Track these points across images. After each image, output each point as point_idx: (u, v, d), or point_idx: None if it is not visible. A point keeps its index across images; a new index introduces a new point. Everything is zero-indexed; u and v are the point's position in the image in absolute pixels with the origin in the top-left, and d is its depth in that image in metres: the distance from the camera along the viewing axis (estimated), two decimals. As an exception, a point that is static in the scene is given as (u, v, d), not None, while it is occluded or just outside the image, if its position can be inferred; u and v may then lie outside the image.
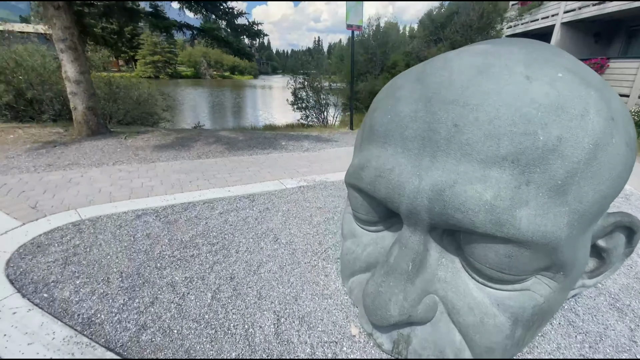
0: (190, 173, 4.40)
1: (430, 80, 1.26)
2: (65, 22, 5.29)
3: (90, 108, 5.80)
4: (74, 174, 4.13)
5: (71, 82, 5.55)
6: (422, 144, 1.23)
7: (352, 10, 7.11)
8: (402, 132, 1.28)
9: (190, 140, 6.13)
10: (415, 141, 1.24)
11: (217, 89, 45.03)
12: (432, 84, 1.24)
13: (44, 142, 5.46)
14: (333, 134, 7.53)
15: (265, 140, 6.56)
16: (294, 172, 4.69)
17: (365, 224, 1.79)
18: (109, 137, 5.98)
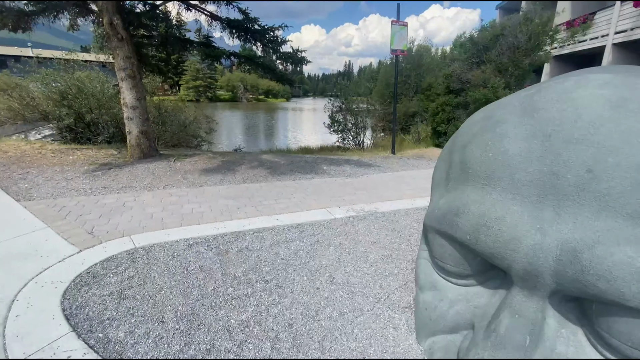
0: (237, 199, 4.34)
1: (545, 115, 1.01)
2: (126, 52, 5.66)
3: (143, 132, 6.07)
4: (127, 198, 4.21)
5: (128, 108, 5.87)
6: (542, 191, 0.97)
7: (397, 34, 7.05)
8: (512, 175, 1.03)
9: (235, 163, 6.18)
10: (531, 186, 0.98)
11: (253, 111, 46.85)
12: (550, 119, 0.99)
13: (100, 164, 5.73)
14: (374, 159, 7.31)
15: (307, 164, 6.47)
16: (340, 200, 4.49)
17: (451, 276, 1.52)
18: (159, 159, 6.18)
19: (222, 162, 6.30)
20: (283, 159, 6.83)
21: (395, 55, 7.19)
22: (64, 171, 5.33)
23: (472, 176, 1.52)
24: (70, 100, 8.75)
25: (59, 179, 4.89)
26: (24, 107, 9.11)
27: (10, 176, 4.97)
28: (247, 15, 6.62)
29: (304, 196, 4.58)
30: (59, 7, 6.02)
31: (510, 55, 9.74)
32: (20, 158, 6.05)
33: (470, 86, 11.02)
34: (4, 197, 4.05)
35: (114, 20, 5.44)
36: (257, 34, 6.83)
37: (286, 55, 7.22)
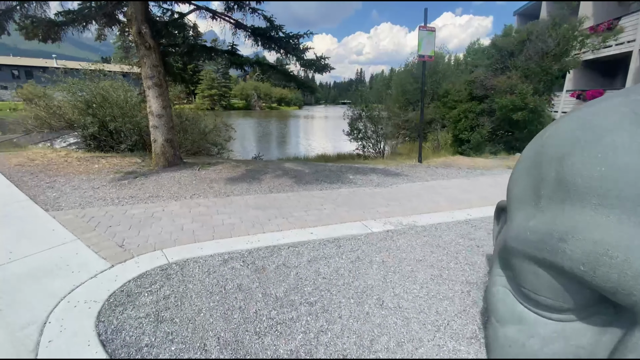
0: (266, 209, 4.16)
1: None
2: (153, 61, 5.65)
3: (168, 140, 6.02)
4: (155, 208, 4.10)
5: (154, 116, 5.83)
6: None
7: (425, 40, 6.86)
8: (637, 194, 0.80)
9: (259, 172, 6.04)
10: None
11: (267, 118, 47.24)
12: None
13: (125, 173, 5.68)
14: (400, 167, 7.05)
15: (331, 173, 6.28)
16: (374, 212, 4.25)
17: (545, 310, 1.28)
18: (183, 168, 6.10)
19: (247, 170, 6.17)
20: (307, 168, 6.66)
21: (422, 60, 6.99)
22: (91, 180, 5.29)
23: (578, 194, 1.22)
24: (95, 109, 8.86)
25: (86, 188, 4.84)
26: (50, 116, 9.28)
27: (38, 184, 4.95)
28: (272, 23, 6.55)
29: (334, 207, 4.37)
30: (88, 17, 6.09)
31: (538, 60, 9.39)
32: (47, 166, 6.07)
33: (495, 92, 10.69)
34: (33, 206, 3.99)
35: (142, 29, 5.44)
36: (281, 42, 6.74)
37: (310, 63, 7.10)
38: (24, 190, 4.66)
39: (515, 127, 9.80)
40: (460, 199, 5.00)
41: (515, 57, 10.64)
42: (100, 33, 7.19)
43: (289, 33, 6.66)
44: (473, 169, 7.22)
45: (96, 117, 8.96)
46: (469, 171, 7.05)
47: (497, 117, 10.07)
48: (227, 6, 6.33)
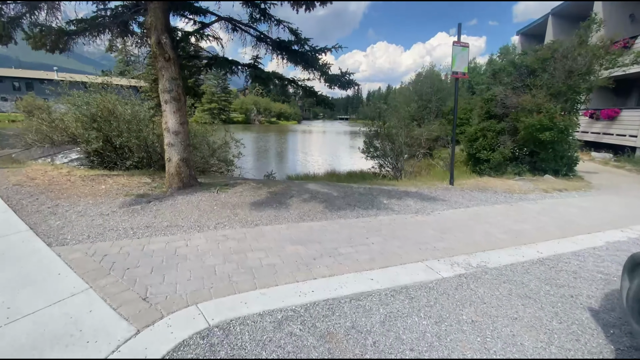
0: (306, 244, 3.58)
1: None
2: (173, 73, 5.17)
3: (184, 160, 5.47)
4: (177, 242, 3.50)
5: (170, 133, 5.31)
6: None
7: (458, 56, 6.48)
8: None
9: (284, 196, 5.48)
10: None
11: (269, 133, 47.00)
12: None
13: (137, 196, 5.10)
14: (434, 190, 6.52)
15: (362, 196, 5.73)
16: (431, 248, 3.69)
17: None
18: (199, 190, 5.53)
19: (269, 193, 5.61)
20: (333, 190, 6.11)
21: (456, 78, 6.59)
22: (98, 204, 4.69)
23: None
24: (100, 122, 8.34)
25: (93, 214, 4.24)
26: (52, 130, 8.73)
27: (39, 209, 4.35)
28: (298, 36, 6.15)
29: (382, 241, 3.80)
30: (101, 26, 5.64)
31: (564, 79, 9.07)
32: (49, 186, 5.47)
33: (516, 111, 10.34)
34: (34, 239, 3.39)
35: (162, 39, 4.99)
36: (306, 56, 6.32)
37: (334, 78, 6.67)
38: (24, 216, 4.06)
39: (542, 148, 9.39)
40: (516, 230, 4.46)
41: (537, 75, 10.34)
42: (112, 44, 6.75)
43: (315, 47, 6.26)
44: (510, 193, 6.71)
45: (101, 131, 8.43)
46: (507, 195, 6.54)
47: (521, 136, 9.67)
48: (252, 17, 5.92)
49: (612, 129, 15.45)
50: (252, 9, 5.74)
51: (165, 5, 4.99)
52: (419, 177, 10.23)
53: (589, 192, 7.49)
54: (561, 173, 9.82)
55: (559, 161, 9.81)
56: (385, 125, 10.29)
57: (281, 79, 6.70)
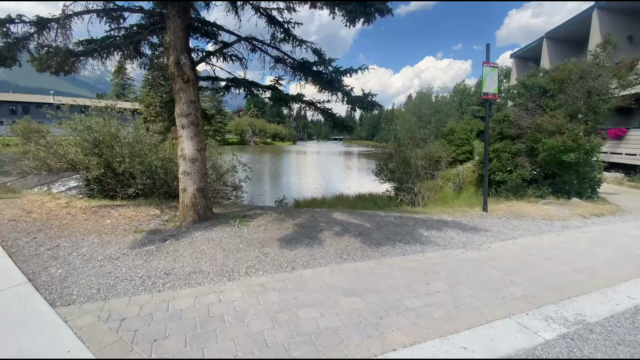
0: (362, 295, 3.01)
1: None
2: (191, 96, 4.72)
3: (200, 190, 4.92)
4: (208, 296, 2.90)
5: (186, 160, 4.79)
6: None
7: (489, 76, 6.20)
8: None
9: (312, 229, 4.91)
10: None
11: (265, 153, 46.69)
12: None
13: (148, 232, 4.49)
14: (470, 218, 6.03)
15: (398, 228, 5.20)
16: (507, 296, 3.15)
17: None
18: (217, 223, 4.95)
19: (295, 226, 5.04)
20: (362, 219, 5.57)
21: (487, 99, 6.28)
22: (105, 243, 4.07)
23: None
24: (101, 148, 7.79)
25: (101, 258, 3.62)
26: (49, 156, 8.13)
27: (38, 252, 3.72)
28: (321, 57, 5.81)
29: (448, 289, 3.24)
30: (113, 47, 5.23)
31: (584, 99, 8.89)
32: (47, 221, 4.84)
33: (533, 132, 10.10)
34: (33, 297, 2.76)
35: (181, 59, 4.57)
36: (330, 77, 5.96)
37: (357, 100, 6.29)
38: (21, 262, 3.43)
39: (565, 169, 9.07)
40: (585, 268, 3.94)
41: (550, 96, 10.20)
42: (121, 65, 6.34)
43: (339, 67, 5.90)
44: (548, 220, 6.24)
45: (102, 157, 7.87)
46: (547, 223, 6.06)
47: (542, 158, 9.35)
48: (274, 37, 5.58)
49: (620, 149, 15.38)
50: (276, 28, 5.39)
51: (185, 23, 4.61)
52: (439, 202, 9.78)
53: (625, 216, 7.07)
54: (585, 195, 9.46)
55: (582, 183, 9.48)
56: (400, 147, 9.92)
57: (304, 101, 6.31)
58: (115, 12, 4.77)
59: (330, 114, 6.98)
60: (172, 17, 4.50)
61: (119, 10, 4.77)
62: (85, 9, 4.57)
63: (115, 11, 4.76)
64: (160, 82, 12.52)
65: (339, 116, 7.42)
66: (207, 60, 5.38)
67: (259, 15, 5.29)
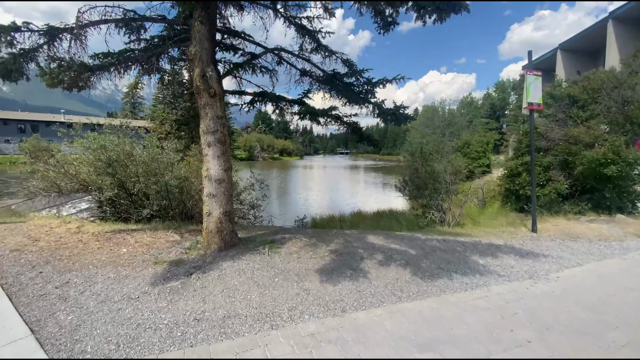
0: (441, 350, 2.43)
1: None
2: (218, 111, 4.29)
3: (227, 214, 4.43)
4: (251, 352, 2.35)
5: (212, 182, 4.31)
6: None
7: (532, 85, 5.73)
8: None
9: (350, 256, 4.35)
10: None
11: (275, 169, 46.43)
12: None
13: (170, 263, 3.97)
14: (521, 241, 5.42)
15: (446, 254, 4.61)
16: (607, 341, 2.57)
17: None
18: (244, 250, 4.42)
19: (330, 253, 4.49)
20: (402, 244, 5.00)
21: (531, 110, 5.78)
22: (122, 278, 3.56)
23: None
24: (115, 167, 7.40)
25: (118, 299, 3.10)
26: (60, 176, 7.76)
27: (44, 292, 3.21)
28: (352, 67, 5.41)
29: (539, 336, 2.64)
30: (131, 61, 4.87)
31: (621, 109, 8.36)
32: (56, 251, 4.36)
33: (565, 144, 9.54)
34: (37, 355, 2.23)
35: (207, 71, 4.16)
36: (357, 88, 5.54)
37: (389, 112, 5.84)
38: (23, 307, 2.93)
39: (604, 183, 8.46)
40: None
41: (581, 106, 9.70)
42: (138, 81, 6.01)
43: (371, 79, 5.48)
44: (606, 241, 5.60)
45: (116, 177, 7.47)
46: (606, 244, 5.43)
47: (579, 171, 8.76)
48: (301, 47, 5.20)
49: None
50: (305, 38, 5.01)
51: (212, 32, 4.23)
52: (468, 219, 9.15)
53: (685, 235, 6.38)
54: (625, 210, 8.77)
55: (622, 198, 8.81)
56: (427, 162, 9.38)
57: (331, 115, 5.87)
58: (135, 22, 4.42)
59: (357, 128, 6.54)
60: (197, 26, 4.13)
61: (139, 20, 4.42)
62: (103, 18, 4.22)
63: (135, 21, 4.42)
64: (170, 100, 12.33)
65: (364, 130, 6.99)
66: (234, 73, 4.99)
67: (288, 24, 4.92)
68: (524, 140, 11.37)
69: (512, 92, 57.61)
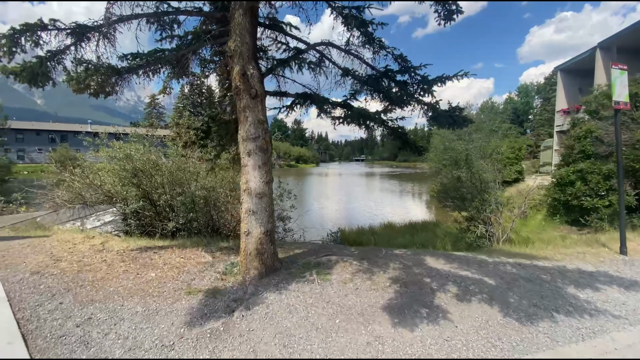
0: None
1: None
2: (259, 115, 3.72)
3: (268, 233, 3.82)
4: None
5: (252, 196, 3.72)
6: None
7: (618, 81, 4.88)
8: None
9: (417, 287, 3.62)
10: None
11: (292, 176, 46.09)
12: None
13: (205, 294, 3.37)
14: (615, 266, 4.51)
15: (533, 285, 3.79)
16: None
17: None
18: (288, 276, 3.78)
19: (391, 282, 3.76)
20: (474, 271, 4.20)
21: (617, 109, 4.92)
22: (152, 314, 2.97)
23: None
24: (140, 177, 6.98)
25: (149, 346, 2.50)
26: (85, 186, 7.40)
27: (64, 330, 2.67)
28: (405, 64, 4.73)
29: None
30: (162, 61, 4.39)
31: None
32: (78, 275, 3.85)
33: (630, 149, 8.48)
34: None
35: (248, 69, 3.60)
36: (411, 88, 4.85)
37: (445, 115, 5.10)
38: (39, 352, 2.39)
39: (685, 194, 7.38)
40: None
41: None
42: (166, 85, 5.55)
43: (427, 76, 4.78)
44: None
45: (141, 187, 7.04)
46: None
47: (653, 180, 7.71)
48: (348, 42, 4.57)
49: None
50: (357, 31, 4.38)
51: (254, 24, 3.67)
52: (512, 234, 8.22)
53: None
54: None
55: None
56: (472, 170, 8.55)
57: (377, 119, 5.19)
58: (168, 15, 3.93)
59: (402, 133, 5.84)
60: (237, 17, 3.58)
61: (173, 13, 3.93)
62: (133, 12, 3.74)
63: (168, 15, 3.93)
64: (190, 109, 11.65)
65: (409, 136, 6.28)
66: (275, 72, 4.43)
67: (335, 15, 4.32)
68: (577, 145, 10.31)
69: (537, 95, 55.17)
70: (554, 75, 47.20)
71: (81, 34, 3.86)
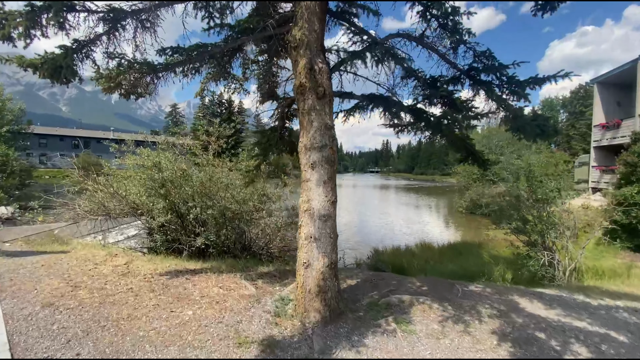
0: None
1: None
2: (326, 119, 3.01)
3: (332, 266, 3.05)
4: None
5: (314, 219, 2.98)
6: None
7: None
8: None
9: (530, 346, 2.75)
10: None
11: (307, 188, 45.39)
12: None
13: (259, 346, 2.61)
14: None
15: None
16: None
17: None
18: (359, 323, 2.98)
19: (497, 338, 2.89)
20: (593, 322, 3.29)
21: None
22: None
23: None
24: (168, 188, 6.34)
25: None
26: (108, 197, 6.82)
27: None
28: (492, 60, 3.96)
29: None
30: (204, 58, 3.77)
31: None
32: (99, 309, 3.16)
33: None
34: None
35: (316, 63, 2.91)
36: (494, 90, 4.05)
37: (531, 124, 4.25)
38: None
39: None
40: None
41: None
42: (204, 87, 4.95)
43: (515, 76, 3.98)
44: None
45: (168, 199, 6.40)
46: None
47: None
48: (423, 34, 3.83)
49: None
50: (432, 21, 3.65)
51: (323, 8, 2.99)
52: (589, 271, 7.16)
53: None
54: None
55: None
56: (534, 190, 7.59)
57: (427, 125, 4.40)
58: (220, 0, 3.31)
59: (468, 144, 5.04)
60: (305, 0, 2.91)
61: (226, -4, 3.31)
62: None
63: (220, -1, 3.31)
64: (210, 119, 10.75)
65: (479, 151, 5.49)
66: (344, 67, 3.72)
67: (412, 3, 3.60)
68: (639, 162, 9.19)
69: (562, 110, 53.08)
70: (580, 89, 45.30)
71: (115, 20, 3.27)
